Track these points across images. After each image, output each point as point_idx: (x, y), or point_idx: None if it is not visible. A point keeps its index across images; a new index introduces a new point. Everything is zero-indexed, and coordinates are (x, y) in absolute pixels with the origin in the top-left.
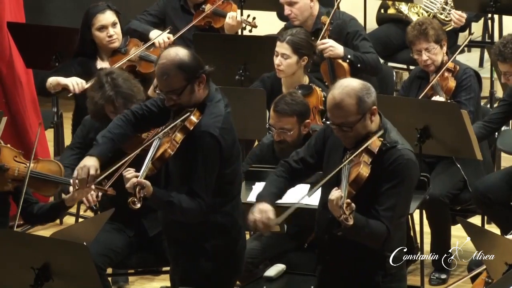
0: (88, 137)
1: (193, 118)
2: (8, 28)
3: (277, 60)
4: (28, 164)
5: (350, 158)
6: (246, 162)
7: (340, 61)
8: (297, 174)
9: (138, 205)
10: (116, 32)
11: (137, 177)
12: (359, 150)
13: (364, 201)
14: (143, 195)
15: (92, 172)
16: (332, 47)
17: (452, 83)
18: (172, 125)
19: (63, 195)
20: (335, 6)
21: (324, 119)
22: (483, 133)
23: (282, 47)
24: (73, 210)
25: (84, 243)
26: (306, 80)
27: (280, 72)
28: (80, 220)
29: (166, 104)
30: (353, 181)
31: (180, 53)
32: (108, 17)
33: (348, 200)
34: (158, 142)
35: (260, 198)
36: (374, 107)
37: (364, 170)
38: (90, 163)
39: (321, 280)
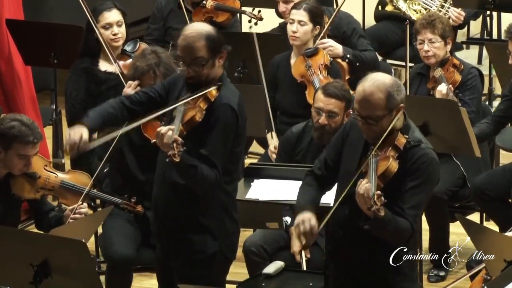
0: None
1: (213, 91)
2: (6, 25)
3: (293, 27)
4: (57, 175)
5: (374, 153)
6: (282, 153)
7: (339, 60)
8: (324, 181)
9: (178, 159)
10: (120, 32)
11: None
12: (388, 147)
13: (386, 198)
14: (182, 149)
15: (85, 136)
16: (332, 46)
17: (458, 77)
18: (193, 97)
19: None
20: (338, 8)
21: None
22: (488, 132)
23: (299, 14)
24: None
25: (83, 240)
26: None
27: (295, 39)
28: None
29: (186, 75)
30: (381, 174)
31: (207, 26)
32: (114, 15)
33: (379, 192)
34: (182, 109)
35: (298, 208)
36: (402, 104)
37: (393, 165)
38: (81, 128)
39: (333, 277)
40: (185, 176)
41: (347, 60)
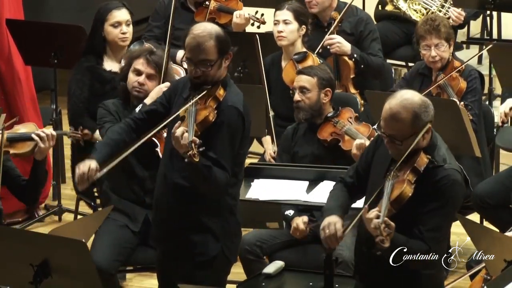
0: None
1: (221, 91)
2: (7, 25)
3: (279, 27)
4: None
5: (393, 173)
6: (281, 152)
7: (346, 58)
8: (354, 189)
9: (198, 158)
10: (128, 31)
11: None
12: (408, 169)
13: (405, 219)
14: (201, 149)
15: (93, 166)
16: (339, 43)
17: (463, 84)
18: (200, 95)
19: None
20: (348, 5)
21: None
22: None
23: (283, 14)
24: (72, 207)
25: (83, 240)
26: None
27: (282, 39)
28: (79, 217)
29: (193, 75)
30: (395, 200)
31: (215, 27)
32: (123, 14)
33: (387, 220)
34: (194, 109)
35: (326, 211)
36: (429, 125)
37: (407, 189)
38: (89, 161)
39: None
40: (199, 177)
41: (353, 60)
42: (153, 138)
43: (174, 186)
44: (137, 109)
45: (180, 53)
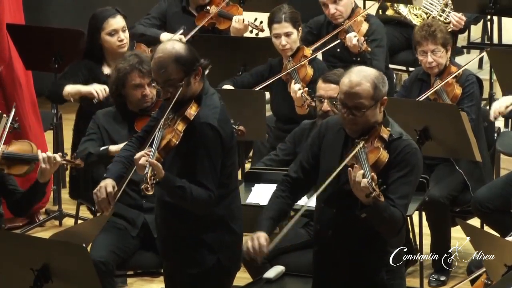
0: (102, 128)
1: (192, 110)
2: (7, 30)
3: (283, 41)
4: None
5: (362, 144)
6: (286, 141)
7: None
8: (299, 184)
9: (151, 192)
10: (125, 37)
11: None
12: (374, 139)
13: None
14: (154, 181)
15: (109, 189)
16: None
17: (458, 90)
18: (171, 116)
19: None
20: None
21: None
22: None
23: (283, 27)
24: (72, 211)
25: (83, 245)
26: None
27: (287, 51)
28: (80, 221)
29: (163, 97)
30: (374, 164)
31: (177, 46)
32: (119, 21)
33: (374, 176)
34: (161, 133)
35: (257, 226)
36: (385, 97)
37: (384, 154)
38: (104, 183)
39: (322, 277)
40: (175, 198)
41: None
42: None
43: (164, 204)
44: None
45: (164, 35)
